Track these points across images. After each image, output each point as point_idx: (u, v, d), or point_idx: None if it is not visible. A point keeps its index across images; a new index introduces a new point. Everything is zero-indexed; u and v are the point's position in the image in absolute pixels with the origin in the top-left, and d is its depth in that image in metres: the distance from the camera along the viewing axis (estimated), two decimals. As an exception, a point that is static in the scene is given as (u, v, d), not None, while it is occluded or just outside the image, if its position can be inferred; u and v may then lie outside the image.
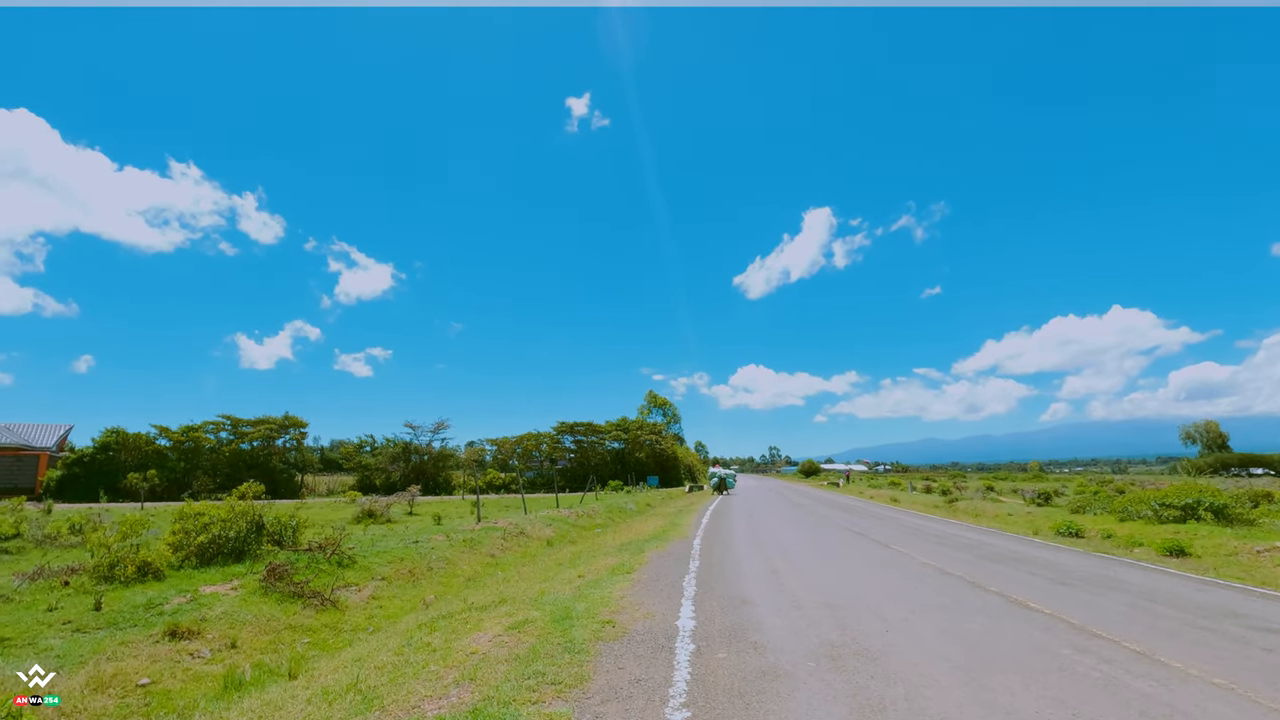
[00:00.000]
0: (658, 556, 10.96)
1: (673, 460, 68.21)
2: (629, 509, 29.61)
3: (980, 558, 11.38)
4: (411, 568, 12.28)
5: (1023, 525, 20.50)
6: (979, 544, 13.66)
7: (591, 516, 24.57)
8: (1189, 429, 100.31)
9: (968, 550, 12.48)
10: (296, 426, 47.47)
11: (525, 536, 18.36)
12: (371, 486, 47.67)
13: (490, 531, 17.40)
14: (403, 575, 11.77)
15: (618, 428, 64.19)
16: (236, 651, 7.51)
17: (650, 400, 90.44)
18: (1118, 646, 5.59)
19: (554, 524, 20.98)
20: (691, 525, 17.48)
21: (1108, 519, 20.63)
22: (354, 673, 5.15)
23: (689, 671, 4.81)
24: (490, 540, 16.50)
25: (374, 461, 50.54)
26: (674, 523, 18.40)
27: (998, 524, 20.69)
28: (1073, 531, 17.25)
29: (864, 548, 12.59)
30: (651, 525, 18.25)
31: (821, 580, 8.82)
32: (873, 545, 13.02)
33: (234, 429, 45.54)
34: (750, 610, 6.91)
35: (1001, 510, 25.30)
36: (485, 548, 15.75)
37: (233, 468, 43.79)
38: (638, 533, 16.59)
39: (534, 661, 4.97)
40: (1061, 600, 7.59)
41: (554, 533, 19.83)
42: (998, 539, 15.22)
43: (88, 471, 39.52)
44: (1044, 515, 22.67)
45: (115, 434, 40.91)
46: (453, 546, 14.85)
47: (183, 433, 43.41)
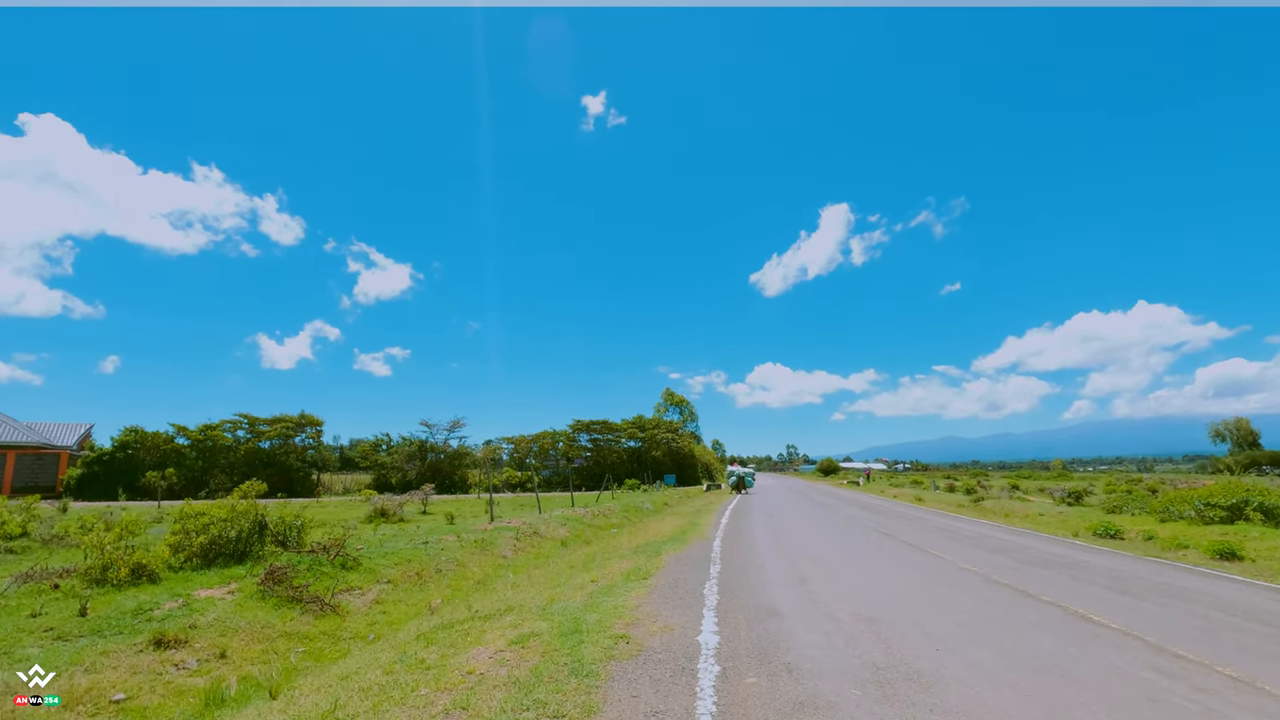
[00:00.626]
0: (676, 560, 10.33)
1: (690, 459, 67.50)
2: (646, 508, 29.01)
3: (1022, 562, 10.59)
4: (419, 570, 11.77)
5: (1057, 526, 19.57)
6: (1017, 546, 12.84)
7: (607, 516, 24.00)
8: (1218, 426, 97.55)
9: (1006, 554, 11.68)
10: (313, 425, 47.51)
11: (539, 537, 17.82)
12: (387, 485, 47.57)
13: (503, 532, 16.88)
14: (409, 578, 11.26)
15: (634, 426, 63.61)
16: (225, 662, 7.00)
17: (667, 398, 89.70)
18: (1210, 671, 4.84)
19: (569, 524, 20.44)
20: (711, 525, 16.82)
21: (1146, 519, 19.61)
22: (335, 695, 4.57)
23: (714, 701, 4.15)
24: (502, 541, 15.98)
25: (390, 460, 50.46)
26: (692, 522, 17.75)
27: (1030, 524, 19.79)
28: (1111, 533, 16.38)
29: (896, 551, 11.85)
30: (669, 525, 17.61)
31: (855, 588, 8.12)
32: (904, 548, 12.27)
33: (251, 428, 45.67)
34: (780, 623, 6.24)
35: (1031, 510, 24.30)
36: (497, 549, 15.23)
37: (250, 466, 43.91)
38: (655, 533, 15.96)
39: (536, 687, 4.34)
40: (1126, 613, 6.82)
41: (569, 533, 19.27)
42: (1036, 541, 14.37)
43: (107, 470, 39.80)
44: (1078, 516, 21.68)
45: (134, 433, 41.19)
46: (463, 547, 14.34)
47: (201, 431, 43.60)
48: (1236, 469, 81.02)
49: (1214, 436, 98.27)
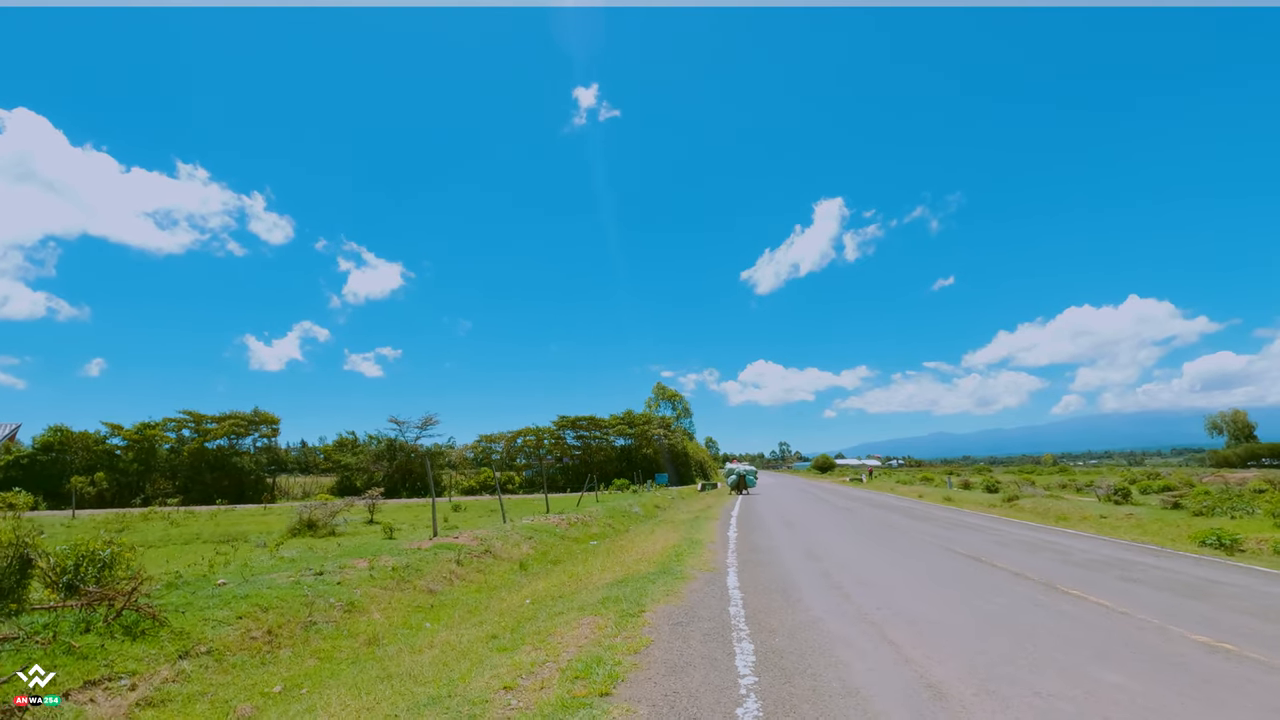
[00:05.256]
0: (670, 624, 6.07)
1: (684, 456, 63.38)
2: (634, 513, 24.93)
3: (1183, 595, 6.69)
4: (275, 625, 7.65)
5: (1129, 529, 15.88)
6: (1150, 568, 8.92)
7: (586, 525, 19.92)
8: (1215, 419, 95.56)
9: (1163, 586, 7.73)
10: (268, 423, 43.09)
11: (491, 557, 13.73)
12: (352, 488, 43.19)
13: (442, 552, 12.79)
14: (249, 643, 7.13)
15: (623, 421, 59.44)
16: None
17: (658, 393, 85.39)
18: None
19: (535, 537, 16.35)
20: (716, 543, 12.78)
21: (1254, 524, 15.85)
22: None
23: None
24: (436, 567, 11.88)
25: (355, 461, 46.07)
26: (690, 537, 13.69)
27: (1093, 528, 16.17)
28: (1223, 542, 12.65)
29: (1018, 588, 7.83)
30: (660, 541, 13.54)
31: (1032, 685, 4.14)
32: (1021, 582, 8.26)
33: (197, 426, 41.18)
34: None
35: (1079, 511, 20.43)
36: (425, 579, 11.12)
37: (194, 469, 39.50)
38: (641, 553, 11.90)
39: None
40: None
41: (532, 549, 15.18)
42: (1144, 555, 10.53)
43: (28, 474, 35.21)
44: (1152, 518, 17.89)
45: (59, 432, 36.64)
46: (374, 580, 10.24)
47: (138, 431, 39.06)
48: (1238, 462, 78.42)
49: (1210, 429, 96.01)
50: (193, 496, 37.90)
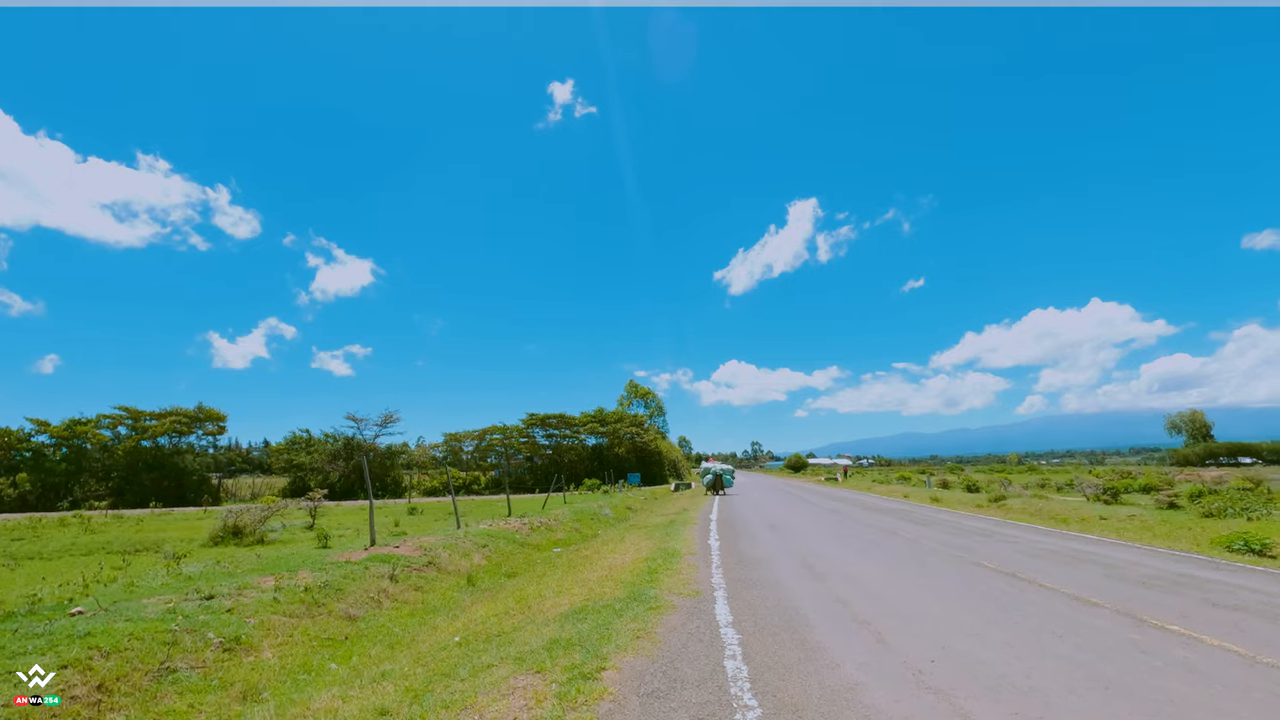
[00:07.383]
0: (639, 694, 4.09)
1: (657, 456, 61.66)
2: (604, 515, 23.13)
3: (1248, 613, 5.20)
4: (108, 679, 5.69)
5: (1139, 532, 14.67)
6: (1225, 588, 7.46)
7: (550, 529, 18.06)
8: (1174, 419, 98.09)
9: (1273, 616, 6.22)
10: (214, 420, 40.19)
11: (435, 570, 11.81)
12: (305, 489, 40.49)
13: (374, 566, 10.84)
14: (63, 708, 5.17)
15: (594, 420, 57.48)
16: None
17: (631, 390, 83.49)
18: None
19: (490, 544, 14.45)
20: (697, 554, 11.06)
21: (1277, 526, 14.75)
22: None
23: None
24: (364, 585, 9.94)
25: (309, 460, 43.34)
26: (666, 546, 11.95)
27: (1101, 530, 15.02)
28: (1252, 547, 11.57)
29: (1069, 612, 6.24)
30: (631, 552, 11.77)
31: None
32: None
33: (135, 423, 38.12)
34: None
35: (1075, 512, 19.24)
36: (345, 601, 9.19)
37: (130, 469, 36.46)
38: (608, 568, 10.12)
39: None
40: None
41: (484, 560, 13.30)
42: (1201, 569, 9.15)
43: (-63, 476, 32.03)
44: (1158, 520, 16.73)
45: (-26, 429, 33.42)
46: (276, 605, 8.28)
47: (68, 428, 35.91)
48: (1196, 460, 79.82)
49: (1170, 429, 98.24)
50: (127, 499, 34.94)
